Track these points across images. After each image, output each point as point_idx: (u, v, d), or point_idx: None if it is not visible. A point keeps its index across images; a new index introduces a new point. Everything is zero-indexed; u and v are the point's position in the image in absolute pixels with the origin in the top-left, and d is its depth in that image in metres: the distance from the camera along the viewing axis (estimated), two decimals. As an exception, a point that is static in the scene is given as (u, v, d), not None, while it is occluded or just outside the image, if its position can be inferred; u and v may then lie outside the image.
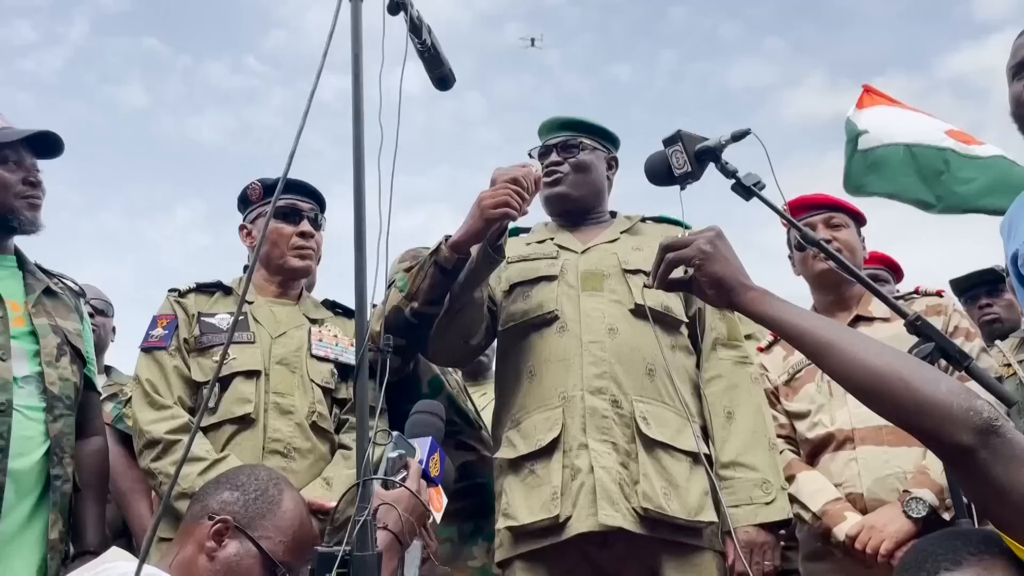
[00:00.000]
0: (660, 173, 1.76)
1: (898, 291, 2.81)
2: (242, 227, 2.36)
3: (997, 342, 2.86)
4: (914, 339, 1.55)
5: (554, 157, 2.24)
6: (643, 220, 2.30)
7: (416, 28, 1.49)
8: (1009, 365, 2.74)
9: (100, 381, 2.60)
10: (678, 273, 1.46)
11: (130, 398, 2.46)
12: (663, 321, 2.05)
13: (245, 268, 3.03)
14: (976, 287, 3.21)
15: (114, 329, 3.21)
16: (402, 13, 1.47)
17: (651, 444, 1.91)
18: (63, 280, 2.20)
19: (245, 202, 2.36)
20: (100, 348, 3.02)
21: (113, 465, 2.28)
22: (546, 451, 1.93)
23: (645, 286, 1.71)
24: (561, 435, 1.92)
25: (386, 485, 1.48)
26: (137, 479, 2.44)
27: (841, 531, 2.07)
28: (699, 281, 1.38)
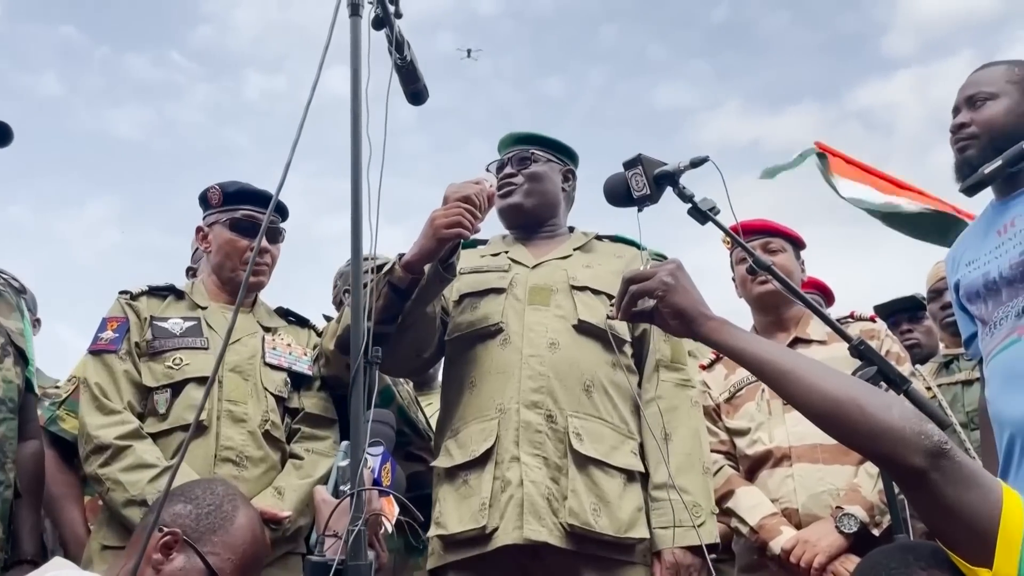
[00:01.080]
0: (619, 195, 1.80)
1: (829, 314, 2.94)
2: (199, 229, 2.31)
3: (917, 366, 3.01)
4: (850, 360, 1.63)
5: (508, 170, 2.27)
6: (597, 238, 2.34)
7: (399, 44, 1.51)
8: (929, 388, 2.90)
9: None
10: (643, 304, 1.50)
11: (64, 400, 2.40)
12: (605, 339, 2.06)
13: (188, 270, 2.96)
14: (898, 313, 3.37)
15: (37, 322, 3.03)
16: (385, 29, 1.49)
17: (583, 460, 1.92)
18: (3, 276, 2.13)
19: (205, 203, 2.31)
20: None
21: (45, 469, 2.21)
22: (479, 461, 1.94)
23: (609, 317, 1.75)
24: (495, 446, 1.94)
25: (337, 493, 1.49)
26: (69, 484, 2.36)
27: (777, 545, 2.15)
28: (661, 312, 1.41)
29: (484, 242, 2.35)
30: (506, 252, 2.25)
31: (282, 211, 2.32)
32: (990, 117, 1.87)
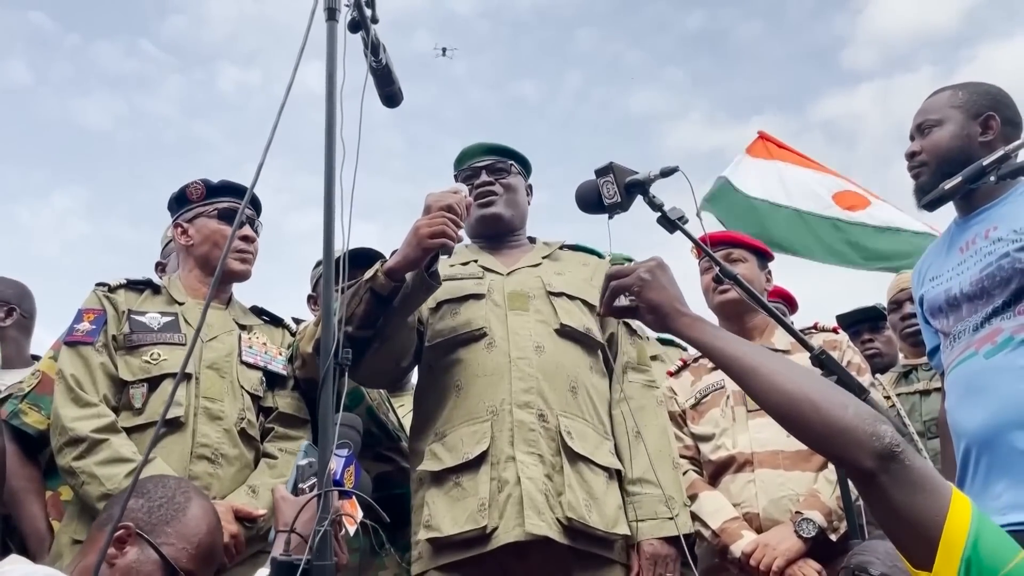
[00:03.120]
0: (591, 201, 1.84)
1: (792, 323, 3.00)
2: (178, 225, 2.29)
3: (877, 376, 3.08)
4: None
5: (485, 178, 2.30)
6: (561, 248, 2.39)
7: (375, 47, 1.53)
8: (889, 398, 2.96)
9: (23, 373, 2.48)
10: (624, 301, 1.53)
11: (27, 393, 2.37)
12: (584, 342, 2.14)
13: (157, 265, 2.94)
14: (859, 323, 3.43)
15: (12, 310, 2.86)
16: (361, 32, 1.50)
17: (575, 457, 1.98)
18: None
19: (181, 201, 2.30)
20: None
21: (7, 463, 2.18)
22: (473, 464, 1.97)
23: (597, 313, 1.78)
24: (489, 448, 1.97)
25: (296, 492, 1.51)
26: (30, 478, 2.33)
27: (738, 548, 2.21)
28: (639, 307, 1.45)
29: (448, 253, 2.36)
30: (475, 260, 2.28)
31: (256, 205, 2.32)
32: (936, 143, 1.96)
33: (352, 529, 1.51)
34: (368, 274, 2.00)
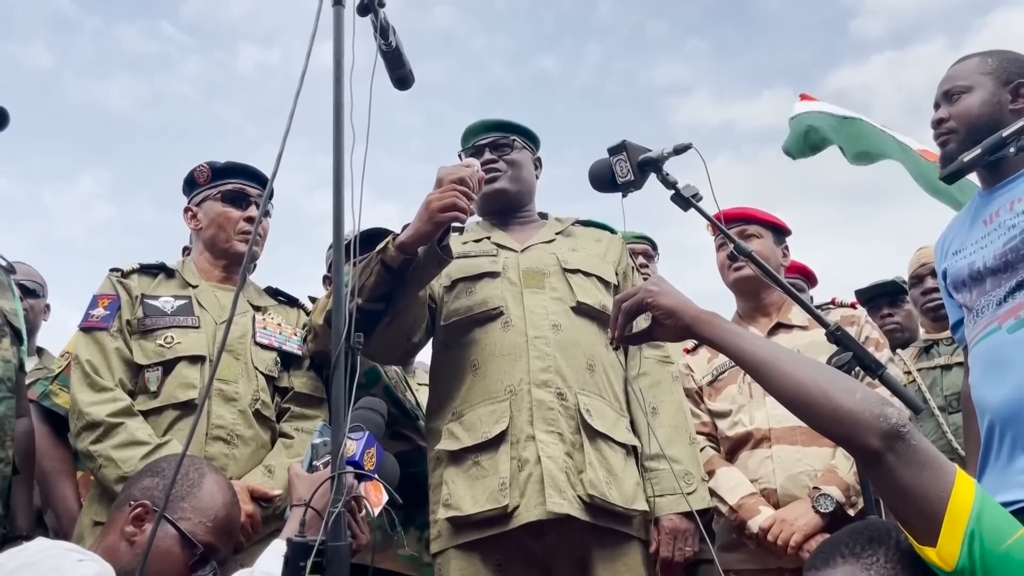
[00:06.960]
0: (604, 180, 1.84)
1: (811, 297, 2.99)
2: (187, 209, 2.33)
3: (898, 351, 3.06)
4: (829, 345, 1.68)
5: (488, 155, 2.30)
6: (574, 224, 2.39)
7: (384, 30, 1.53)
8: (909, 373, 2.94)
9: (32, 363, 2.53)
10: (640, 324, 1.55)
11: (57, 375, 2.42)
12: (600, 319, 2.14)
13: (185, 250, 2.99)
14: (878, 298, 3.39)
15: (47, 308, 3.07)
16: (371, 15, 1.51)
17: (594, 435, 2.00)
18: None
19: (191, 184, 2.33)
20: (31, 330, 2.89)
21: (37, 445, 2.23)
22: (492, 443, 1.98)
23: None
24: (508, 427, 1.98)
25: (310, 470, 1.54)
26: (62, 459, 2.38)
27: (755, 524, 2.21)
28: (656, 319, 1.46)
29: (461, 229, 2.34)
30: (488, 237, 2.29)
31: (264, 185, 2.31)
32: (966, 109, 1.91)
33: (376, 512, 1.53)
34: (380, 246, 2.00)
